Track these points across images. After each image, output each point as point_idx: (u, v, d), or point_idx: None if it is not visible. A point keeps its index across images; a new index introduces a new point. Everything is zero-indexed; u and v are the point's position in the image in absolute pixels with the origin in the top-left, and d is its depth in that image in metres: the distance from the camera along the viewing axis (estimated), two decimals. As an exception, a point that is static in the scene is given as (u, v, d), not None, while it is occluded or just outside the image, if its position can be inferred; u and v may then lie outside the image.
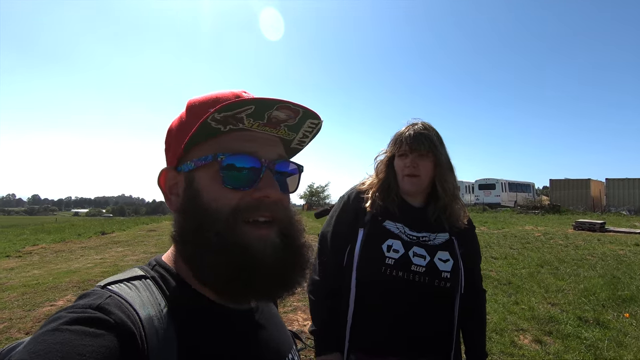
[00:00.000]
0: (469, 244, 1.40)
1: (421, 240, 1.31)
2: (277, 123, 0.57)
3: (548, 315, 4.36)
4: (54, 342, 0.39)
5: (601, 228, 11.74)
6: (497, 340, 3.71)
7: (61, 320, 0.42)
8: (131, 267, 0.60)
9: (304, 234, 0.63)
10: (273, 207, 0.56)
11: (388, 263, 1.24)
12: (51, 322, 0.43)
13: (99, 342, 0.41)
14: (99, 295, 0.49)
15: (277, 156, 0.59)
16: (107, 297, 0.49)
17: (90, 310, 0.45)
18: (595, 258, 7.64)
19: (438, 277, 1.25)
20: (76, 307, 0.46)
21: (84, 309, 0.45)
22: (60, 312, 0.45)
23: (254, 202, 0.55)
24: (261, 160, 0.56)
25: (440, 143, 1.37)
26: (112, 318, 0.45)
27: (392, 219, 1.33)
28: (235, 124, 0.55)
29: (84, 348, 0.40)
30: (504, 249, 8.72)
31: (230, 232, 0.53)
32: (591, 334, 3.83)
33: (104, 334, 0.42)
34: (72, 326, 0.42)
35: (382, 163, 1.44)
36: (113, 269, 7.04)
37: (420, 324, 1.24)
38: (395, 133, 1.41)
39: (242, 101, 0.51)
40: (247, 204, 0.55)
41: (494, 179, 27.44)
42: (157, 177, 0.61)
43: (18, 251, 9.58)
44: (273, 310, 0.74)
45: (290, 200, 0.63)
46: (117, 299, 0.49)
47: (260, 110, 0.53)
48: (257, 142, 0.57)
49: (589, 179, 24.83)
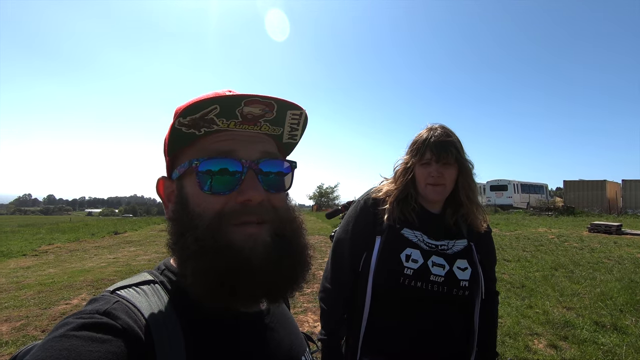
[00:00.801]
0: (486, 249, 1.38)
1: (440, 248, 1.28)
2: (254, 119, 0.54)
3: (563, 319, 4.26)
4: (61, 348, 0.39)
5: (618, 230, 11.45)
6: (510, 345, 3.64)
7: (68, 326, 0.43)
8: (140, 272, 0.60)
9: (303, 234, 0.60)
10: (259, 209, 0.54)
11: (407, 273, 1.21)
12: (59, 328, 0.43)
13: (105, 347, 0.41)
14: (107, 300, 0.49)
15: (261, 154, 0.56)
16: (114, 302, 0.49)
17: (98, 316, 0.45)
18: (612, 261, 7.45)
19: (457, 286, 1.23)
20: (84, 312, 0.46)
21: (92, 314, 0.45)
22: (68, 318, 0.45)
23: (238, 206, 0.53)
24: (241, 161, 0.54)
25: (462, 148, 1.34)
26: (119, 323, 0.45)
27: (410, 227, 1.30)
28: (209, 126, 0.53)
29: (91, 354, 0.40)
30: (517, 252, 8.58)
31: (212, 237, 0.51)
32: (609, 340, 3.73)
33: (110, 340, 0.43)
34: (79, 332, 0.42)
35: (401, 169, 1.39)
36: (126, 268, 7.15)
37: (439, 332, 1.22)
38: (415, 138, 1.37)
39: (202, 101, 0.49)
40: (232, 209, 0.53)
41: (506, 180, 27.02)
42: (156, 186, 0.61)
43: (34, 250, 9.82)
44: (285, 312, 0.73)
45: (284, 199, 0.60)
46: (124, 304, 0.49)
47: (228, 109, 0.51)
48: (235, 142, 0.55)
49: (604, 180, 24.26)
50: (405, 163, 1.37)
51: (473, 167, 1.37)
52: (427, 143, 1.30)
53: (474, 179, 1.36)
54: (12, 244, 10.76)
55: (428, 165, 1.30)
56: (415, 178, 1.34)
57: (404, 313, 1.23)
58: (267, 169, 0.56)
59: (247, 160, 0.54)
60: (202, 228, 0.52)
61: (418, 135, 1.36)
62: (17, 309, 4.64)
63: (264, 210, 0.54)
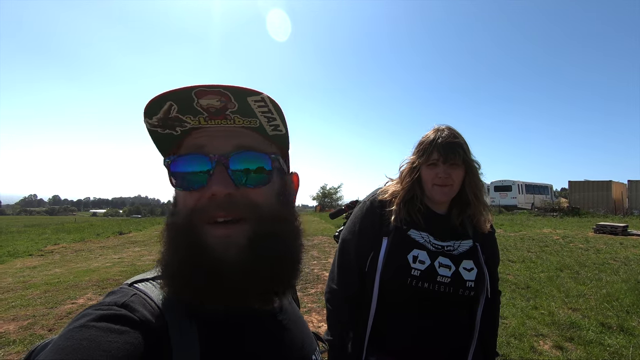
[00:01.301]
0: (491, 249, 1.39)
1: (446, 249, 1.29)
2: (220, 112, 0.52)
3: (569, 320, 4.24)
4: (81, 338, 0.41)
5: (623, 231, 11.35)
6: (516, 346, 3.63)
7: (88, 317, 0.44)
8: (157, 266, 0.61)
9: (292, 233, 0.58)
10: (228, 204, 0.52)
11: (414, 274, 1.22)
12: (79, 319, 0.45)
13: (123, 338, 0.43)
14: (125, 293, 0.51)
15: (233, 148, 0.54)
16: (132, 294, 0.50)
17: (116, 308, 0.47)
18: (618, 262, 7.39)
19: (462, 287, 1.23)
20: (103, 304, 0.48)
21: (110, 306, 0.47)
22: (88, 310, 0.46)
23: (207, 201, 0.52)
24: (209, 156, 0.53)
25: (469, 150, 1.34)
26: (137, 316, 0.47)
27: (416, 228, 1.30)
28: (182, 125, 0.53)
29: (109, 344, 0.41)
30: (522, 252, 8.54)
31: (187, 234, 0.51)
32: (615, 341, 3.70)
33: (128, 331, 0.44)
34: (98, 323, 0.43)
35: (407, 170, 1.39)
36: (131, 268, 7.19)
37: (443, 333, 1.23)
38: (421, 139, 1.37)
39: (155, 99, 0.49)
40: (202, 205, 0.52)
41: (510, 181, 26.86)
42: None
43: (40, 250, 9.90)
44: (296, 310, 0.73)
45: (268, 194, 0.56)
46: (142, 297, 0.51)
47: (184, 104, 0.50)
48: (207, 138, 0.54)
49: (610, 181, 24.06)
50: (412, 163, 1.37)
51: (480, 167, 1.37)
52: (435, 144, 1.30)
53: (480, 179, 1.37)
54: (18, 244, 10.86)
55: (435, 166, 1.30)
56: (422, 179, 1.34)
57: (410, 313, 1.24)
58: (241, 163, 0.54)
59: (216, 155, 0.53)
60: (180, 226, 0.53)
61: (425, 136, 1.36)
62: (24, 308, 4.69)
63: (236, 205, 0.52)
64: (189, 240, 0.51)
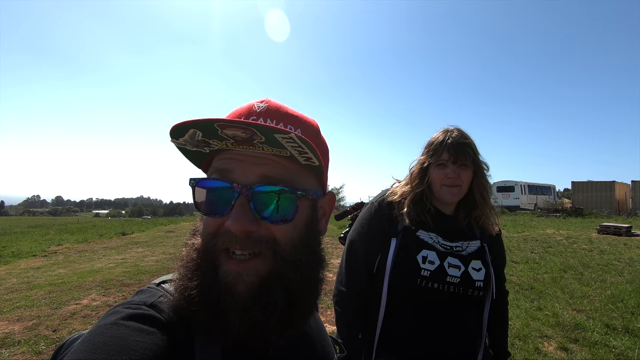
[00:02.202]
0: (497, 249, 1.40)
1: (454, 250, 1.29)
2: (248, 141, 0.48)
3: (573, 322, 4.22)
4: (111, 335, 0.42)
5: (627, 232, 11.30)
6: (520, 347, 3.61)
7: (118, 315, 0.46)
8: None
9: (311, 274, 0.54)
10: (245, 241, 0.48)
11: (423, 275, 1.22)
12: (109, 315, 0.46)
13: (151, 339, 0.44)
14: (153, 293, 0.52)
15: (258, 178, 0.50)
16: (160, 295, 0.52)
17: (145, 308, 0.48)
18: (622, 263, 7.36)
19: (472, 287, 1.24)
20: (132, 302, 0.49)
21: (139, 305, 0.48)
22: (118, 307, 0.48)
23: (225, 231, 0.49)
24: (234, 185, 0.49)
25: (478, 151, 1.35)
26: (164, 317, 0.48)
27: (425, 229, 1.31)
28: (209, 146, 0.51)
29: (137, 344, 0.42)
30: (525, 253, 8.51)
31: (204, 259, 0.50)
32: (620, 343, 3.68)
33: (155, 332, 0.45)
34: (127, 322, 0.45)
35: (416, 171, 1.39)
36: (134, 269, 7.21)
37: (451, 332, 1.23)
38: (431, 140, 1.37)
39: (179, 126, 0.47)
40: (223, 232, 0.49)
41: (513, 181, 26.79)
42: None
43: (44, 251, 9.94)
44: (316, 315, 0.73)
45: (290, 230, 0.52)
46: (169, 298, 0.52)
47: (208, 132, 0.48)
48: (235, 162, 0.51)
49: (613, 181, 23.98)
50: (421, 164, 1.37)
51: (488, 169, 1.37)
52: (444, 144, 1.31)
53: (488, 181, 1.37)
54: (22, 245, 10.91)
55: (444, 166, 1.31)
56: (431, 179, 1.35)
57: (420, 314, 1.24)
58: (265, 196, 0.50)
59: (239, 185, 0.49)
60: (199, 251, 0.51)
61: (434, 137, 1.37)
62: (28, 308, 4.71)
63: (253, 241, 0.49)
64: (205, 267, 0.50)
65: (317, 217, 0.59)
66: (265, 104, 0.56)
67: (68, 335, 3.74)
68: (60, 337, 3.76)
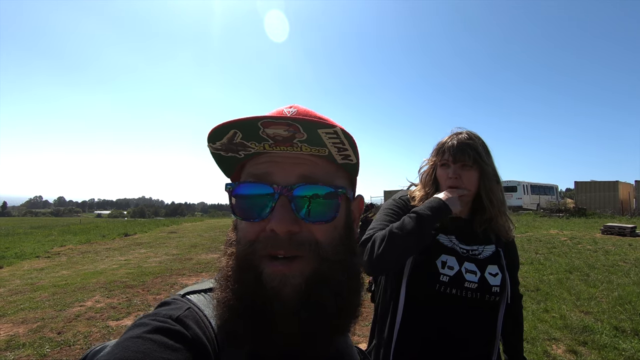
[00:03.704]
0: (511, 253, 1.38)
1: (471, 254, 1.27)
2: (286, 141, 0.48)
3: (582, 324, 4.18)
4: (137, 350, 0.41)
5: (632, 232, 11.25)
6: (528, 350, 3.58)
7: (144, 328, 0.44)
8: (207, 278, 0.61)
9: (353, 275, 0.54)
10: (288, 243, 0.48)
11: (442, 280, 1.20)
12: (135, 327, 0.45)
13: (176, 356, 0.43)
14: (180, 306, 0.50)
15: (297, 179, 0.50)
16: (186, 308, 0.50)
17: (171, 322, 0.46)
18: (628, 264, 7.31)
19: (489, 292, 1.22)
20: (158, 315, 0.47)
21: (165, 319, 0.47)
22: (144, 319, 0.47)
23: (267, 235, 0.49)
24: (273, 186, 0.49)
25: (487, 153, 1.32)
26: (190, 333, 0.46)
27: (444, 232, 1.29)
28: (245, 149, 0.51)
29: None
30: (529, 254, 8.47)
31: (246, 267, 0.49)
32: (629, 345, 3.64)
33: (181, 349, 0.44)
34: (154, 335, 0.43)
35: (427, 174, 1.39)
36: (137, 270, 7.20)
37: (468, 337, 1.21)
38: (438, 142, 1.37)
39: (220, 127, 0.47)
40: (264, 237, 0.49)
41: (515, 181, 26.71)
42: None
43: (47, 252, 9.95)
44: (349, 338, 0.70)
45: (330, 230, 0.52)
46: (195, 312, 0.50)
47: (249, 133, 0.48)
48: (272, 165, 0.51)
49: (617, 181, 23.86)
50: (430, 164, 1.39)
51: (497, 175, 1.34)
52: (447, 145, 1.31)
53: (499, 185, 1.34)
54: (25, 246, 10.93)
55: (447, 166, 1.31)
56: (437, 180, 1.35)
57: (437, 318, 1.22)
58: (305, 196, 0.50)
59: (279, 186, 0.49)
60: (238, 255, 0.51)
61: (442, 139, 1.37)
62: (32, 310, 4.70)
63: (296, 243, 0.48)
64: (247, 275, 0.48)
65: (352, 219, 0.58)
66: (295, 109, 0.56)
67: (73, 337, 3.75)
68: (65, 340, 3.74)
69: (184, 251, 9.80)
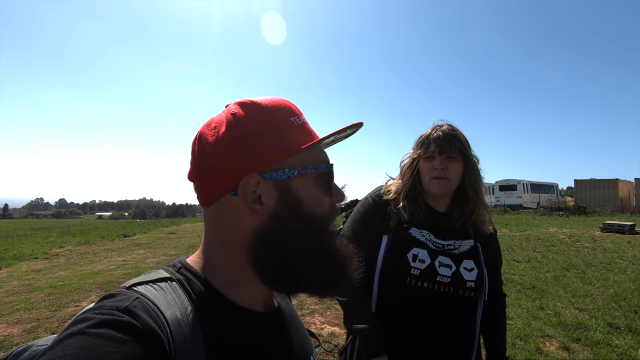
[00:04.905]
0: (492, 249, 1.36)
1: (446, 248, 1.26)
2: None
3: (575, 321, 4.18)
4: (80, 347, 0.38)
5: (631, 230, 11.23)
6: (521, 347, 3.58)
7: (88, 322, 0.41)
8: (155, 269, 0.58)
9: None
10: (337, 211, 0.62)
11: (413, 273, 1.20)
12: (78, 322, 0.41)
13: (125, 349, 0.40)
14: (127, 297, 0.47)
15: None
16: (134, 299, 0.47)
17: (118, 313, 0.43)
18: (626, 261, 7.30)
19: (463, 287, 1.21)
20: (103, 307, 0.44)
21: (111, 310, 0.43)
22: (87, 313, 0.43)
23: (334, 207, 0.61)
24: (331, 168, 0.61)
25: (468, 145, 1.32)
26: (140, 323, 0.43)
27: (417, 226, 1.28)
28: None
29: (110, 355, 0.38)
30: (527, 252, 8.46)
31: (329, 236, 0.57)
32: (623, 342, 3.64)
33: (130, 341, 0.41)
34: (98, 329, 0.40)
35: (407, 166, 1.37)
36: (135, 270, 7.21)
37: (442, 332, 1.21)
38: (421, 135, 1.36)
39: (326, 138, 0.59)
40: (332, 209, 0.60)
41: (515, 180, 26.66)
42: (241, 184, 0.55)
43: (45, 253, 9.96)
44: (293, 310, 0.72)
45: None
46: (144, 302, 0.47)
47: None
48: (324, 152, 0.63)
49: (616, 179, 23.82)
50: (411, 158, 1.36)
51: (478, 161, 1.34)
52: (431, 137, 1.30)
53: (480, 175, 1.34)
54: (24, 247, 10.94)
55: (432, 158, 1.29)
56: (420, 173, 1.33)
57: (410, 312, 1.22)
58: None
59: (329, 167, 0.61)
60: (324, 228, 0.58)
61: (424, 132, 1.36)
62: (28, 311, 4.71)
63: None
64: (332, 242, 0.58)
65: None
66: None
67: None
68: (58, 340, 3.75)
69: (183, 252, 9.80)
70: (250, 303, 0.58)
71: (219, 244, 0.57)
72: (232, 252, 0.56)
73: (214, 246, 0.58)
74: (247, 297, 0.58)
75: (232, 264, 0.57)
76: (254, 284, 0.57)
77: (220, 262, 0.57)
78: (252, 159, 0.55)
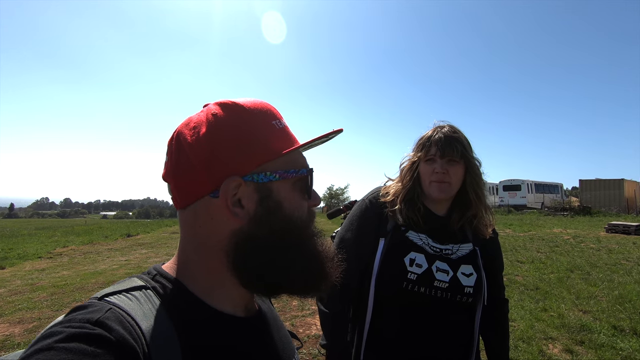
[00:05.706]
0: (492, 253, 1.32)
1: (444, 253, 1.23)
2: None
3: (579, 323, 4.13)
4: None
5: (637, 231, 11.11)
6: (524, 349, 3.54)
7: (57, 336, 0.39)
8: (128, 277, 0.56)
9: None
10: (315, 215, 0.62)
11: (410, 278, 1.17)
12: (46, 337, 0.39)
13: None
14: (99, 308, 0.45)
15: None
16: (107, 310, 0.44)
17: (89, 326, 0.41)
18: (631, 263, 7.22)
19: (461, 293, 1.18)
20: (73, 320, 0.42)
21: (82, 323, 0.41)
22: (55, 327, 0.41)
23: (312, 211, 0.61)
24: (311, 172, 0.61)
25: (470, 147, 1.29)
26: (113, 335, 0.41)
27: (415, 230, 1.25)
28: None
29: None
30: (531, 253, 8.38)
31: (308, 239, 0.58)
32: (627, 345, 3.59)
33: (103, 354, 0.39)
34: (68, 344, 0.38)
35: (407, 169, 1.33)
36: (137, 270, 7.24)
37: (440, 338, 1.18)
38: (421, 136, 1.32)
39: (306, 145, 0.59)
40: (311, 213, 0.61)
41: (520, 180, 26.50)
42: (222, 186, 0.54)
43: (49, 252, 10.02)
44: (275, 312, 0.72)
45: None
46: (118, 312, 0.45)
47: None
48: (303, 156, 0.63)
49: (622, 179, 23.59)
50: (411, 160, 1.33)
51: (480, 165, 1.31)
52: (432, 139, 1.26)
53: (482, 178, 1.30)
54: (28, 247, 11.01)
55: (433, 161, 1.25)
56: (420, 176, 1.30)
57: (406, 318, 1.19)
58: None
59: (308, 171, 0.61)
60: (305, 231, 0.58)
61: (425, 133, 1.32)
62: (30, 310, 4.73)
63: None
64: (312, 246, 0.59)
65: None
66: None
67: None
68: (59, 340, 3.76)
69: (185, 251, 9.80)
70: (229, 307, 0.56)
71: (196, 247, 0.56)
72: (211, 256, 0.55)
73: (191, 250, 0.56)
74: (227, 302, 0.56)
75: (210, 268, 0.55)
76: (234, 287, 0.56)
77: (197, 266, 0.56)
78: (233, 161, 0.53)
